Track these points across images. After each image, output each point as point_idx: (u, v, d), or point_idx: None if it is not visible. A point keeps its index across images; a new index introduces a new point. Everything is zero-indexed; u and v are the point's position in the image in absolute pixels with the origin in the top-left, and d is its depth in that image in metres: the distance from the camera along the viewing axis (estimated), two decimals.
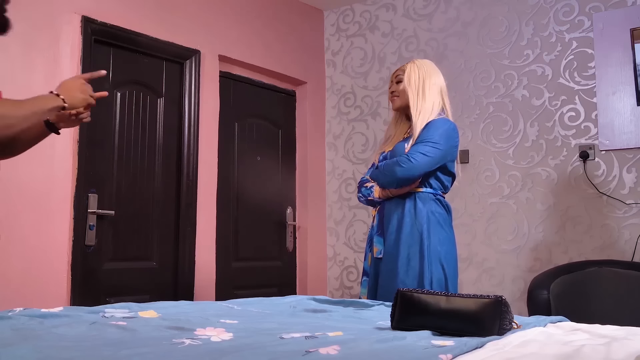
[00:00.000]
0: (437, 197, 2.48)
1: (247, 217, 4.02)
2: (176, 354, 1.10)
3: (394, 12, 4.40)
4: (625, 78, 3.46)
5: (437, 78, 2.57)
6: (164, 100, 3.59)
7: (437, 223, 2.42)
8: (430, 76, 2.55)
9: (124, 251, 3.33)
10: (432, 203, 2.45)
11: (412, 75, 2.55)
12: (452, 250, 2.46)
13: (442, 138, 2.43)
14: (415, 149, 2.42)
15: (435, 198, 2.47)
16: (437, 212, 2.44)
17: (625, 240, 3.38)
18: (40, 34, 2.99)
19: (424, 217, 2.41)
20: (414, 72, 2.55)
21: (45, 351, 1.06)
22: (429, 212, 2.42)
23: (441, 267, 2.38)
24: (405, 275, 2.41)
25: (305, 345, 1.19)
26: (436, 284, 2.37)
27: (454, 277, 2.42)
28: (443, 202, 2.50)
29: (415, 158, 2.40)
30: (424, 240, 2.38)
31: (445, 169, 2.50)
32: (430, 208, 2.44)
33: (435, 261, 2.38)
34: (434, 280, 2.37)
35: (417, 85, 2.53)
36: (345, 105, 4.50)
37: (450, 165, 2.51)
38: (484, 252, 3.83)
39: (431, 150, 2.41)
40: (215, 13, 3.85)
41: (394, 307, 1.50)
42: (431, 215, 2.42)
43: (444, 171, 2.50)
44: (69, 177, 3.04)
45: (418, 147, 2.42)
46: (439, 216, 2.44)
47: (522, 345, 1.28)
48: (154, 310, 1.60)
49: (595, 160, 3.52)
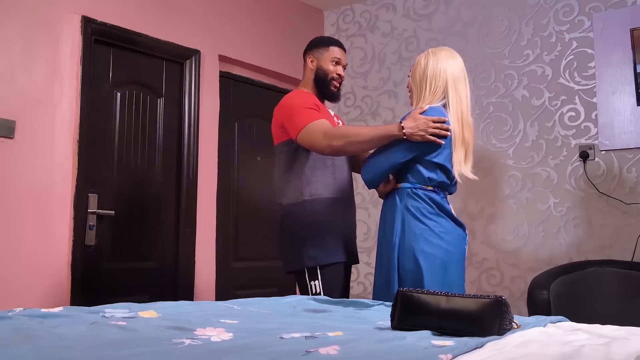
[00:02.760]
0: (416, 190, 2.35)
1: (247, 217, 4.02)
2: (176, 354, 1.10)
3: (394, 12, 4.40)
4: (625, 78, 3.46)
5: (445, 66, 2.41)
6: (164, 100, 3.59)
7: (414, 217, 2.33)
8: (437, 65, 2.41)
9: (124, 251, 3.34)
10: (408, 198, 2.35)
11: (417, 68, 2.47)
12: (433, 244, 2.31)
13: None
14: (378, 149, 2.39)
15: (412, 192, 2.35)
16: (414, 206, 2.34)
17: (625, 240, 3.38)
18: (40, 34, 2.99)
19: (399, 213, 2.36)
20: (419, 66, 2.47)
21: (45, 351, 1.06)
22: (404, 208, 2.35)
23: (414, 262, 2.28)
24: (379, 272, 2.42)
25: (305, 345, 1.19)
26: (410, 281, 2.27)
27: (433, 272, 2.27)
28: (422, 194, 2.35)
29: (370, 159, 2.40)
30: (395, 236, 2.33)
31: (426, 162, 2.35)
32: (407, 203, 2.35)
33: (408, 256, 2.30)
34: (406, 276, 2.28)
35: (420, 80, 2.44)
36: (345, 105, 4.50)
37: (432, 156, 2.33)
38: (484, 252, 3.83)
39: (390, 147, 2.34)
40: (215, 13, 3.85)
41: (394, 307, 1.50)
42: (405, 211, 2.34)
43: (424, 164, 2.35)
44: (69, 177, 3.04)
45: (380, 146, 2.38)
46: (415, 210, 2.33)
47: (522, 345, 1.28)
48: (154, 310, 1.60)
49: (595, 160, 3.52)
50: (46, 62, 3.01)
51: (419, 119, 2.29)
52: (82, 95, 3.11)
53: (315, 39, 2.90)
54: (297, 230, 2.59)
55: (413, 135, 2.28)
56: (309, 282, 2.55)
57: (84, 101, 3.12)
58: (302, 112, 2.52)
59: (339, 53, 2.78)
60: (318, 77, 2.74)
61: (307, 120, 2.48)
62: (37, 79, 2.97)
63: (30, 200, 2.90)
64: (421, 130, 2.27)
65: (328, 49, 2.78)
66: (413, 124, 2.28)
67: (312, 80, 2.76)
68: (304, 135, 2.48)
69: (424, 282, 2.26)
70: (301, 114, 2.52)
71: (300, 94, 2.71)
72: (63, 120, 3.04)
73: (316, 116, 2.51)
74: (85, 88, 3.13)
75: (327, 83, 2.74)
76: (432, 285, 2.24)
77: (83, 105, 3.11)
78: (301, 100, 2.61)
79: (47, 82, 3.00)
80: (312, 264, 2.54)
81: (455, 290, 2.30)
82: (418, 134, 2.28)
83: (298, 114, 2.52)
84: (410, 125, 2.28)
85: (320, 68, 2.74)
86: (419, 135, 2.28)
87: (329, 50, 2.77)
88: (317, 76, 2.74)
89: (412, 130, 2.27)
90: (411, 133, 2.28)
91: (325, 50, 2.77)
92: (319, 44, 2.81)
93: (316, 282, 2.53)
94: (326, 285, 2.53)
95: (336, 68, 2.75)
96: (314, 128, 2.46)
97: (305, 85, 2.78)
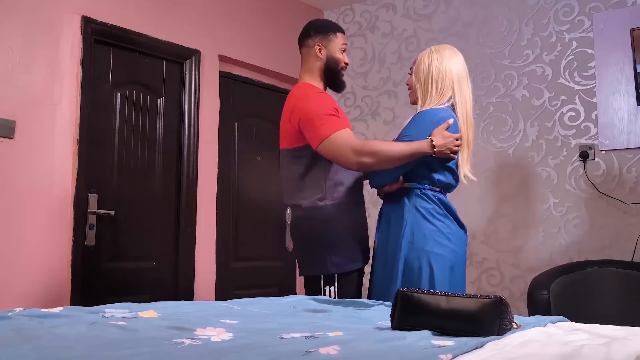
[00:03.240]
0: (425, 191, 2.36)
1: (247, 217, 4.02)
2: (176, 354, 1.10)
3: (394, 12, 4.40)
4: (625, 78, 3.46)
5: (450, 65, 2.40)
6: (164, 100, 3.59)
7: (423, 218, 2.33)
8: (442, 64, 2.40)
9: (124, 251, 3.34)
10: (417, 199, 2.36)
11: (421, 67, 2.43)
12: (442, 245, 2.32)
13: (419, 135, 2.32)
14: None
15: (421, 193, 2.36)
16: (423, 207, 2.34)
17: (625, 240, 3.38)
18: (40, 34, 2.99)
19: (408, 213, 2.35)
20: (422, 63, 2.43)
21: (45, 351, 1.06)
22: (412, 208, 2.35)
23: (424, 263, 2.28)
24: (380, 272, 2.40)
25: (305, 345, 1.19)
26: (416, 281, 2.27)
27: (443, 273, 2.28)
28: (431, 195, 2.36)
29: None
30: (402, 237, 2.32)
31: (436, 164, 2.36)
32: (415, 204, 2.35)
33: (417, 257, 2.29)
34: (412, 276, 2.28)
35: (425, 80, 2.41)
36: (345, 105, 4.50)
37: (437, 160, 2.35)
38: (484, 252, 3.83)
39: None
40: (215, 13, 3.85)
41: (394, 307, 1.50)
42: (415, 211, 2.34)
43: (434, 166, 2.36)
44: (69, 177, 3.04)
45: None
46: (424, 211, 2.33)
47: (522, 345, 1.28)
48: (154, 310, 1.60)
49: (595, 160, 3.52)
50: (46, 62, 3.01)
51: (448, 136, 2.32)
52: (82, 95, 3.11)
53: (318, 22, 2.73)
54: (319, 235, 2.49)
55: (442, 152, 2.32)
56: (324, 286, 2.48)
57: (84, 101, 3.12)
58: (324, 120, 2.38)
59: (345, 39, 2.67)
60: (329, 67, 2.59)
61: (329, 130, 2.36)
62: (37, 79, 2.97)
63: (30, 200, 2.90)
64: (448, 148, 2.32)
65: (336, 36, 2.62)
66: (443, 142, 2.31)
67: (319, 69, 2.59)
68: (328, 147, 2.36)
69: (435, 283, 2.26)
70: (323, 122, 2.37)
71: (315, 93, 2.51)
72: (63, 120, 3.04)
73: (339, 125, 2.38)
74: (85, 88, 3.13)
75: (338, 73, 2.61)
76: (442, 286, 2.26)
77: (83, 105, 3.11)
78: (320, 103, 2.45)
79: (47, 82, 3.00)
80: (335, 271, 2.47)
81: (458, 291, 2.31)
82: (446, 152, 2.33)
83: (320, 122, 2.38)
84: (441, 143, 2.30)
85: (331, 57, 2.58)
86: (445, 153, 2.33)
87: (337, 37, 2.62)
88: (328, 66, 2.59)
89: (442, 148, 2.31)
90: (440, 151, 2.31)
91: (334, 37, 2.61)
92: (324, 30, 2.63)
93: (332, 288, 2.47)
94: (341, 291, 2.47)
95: (344, 56, 2.63)
96: (339, 141, 2.35)
97: (311, 75, 2.60)
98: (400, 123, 4.17)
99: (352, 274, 2.52)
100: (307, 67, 2.62)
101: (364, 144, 2.40)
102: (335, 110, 2.45)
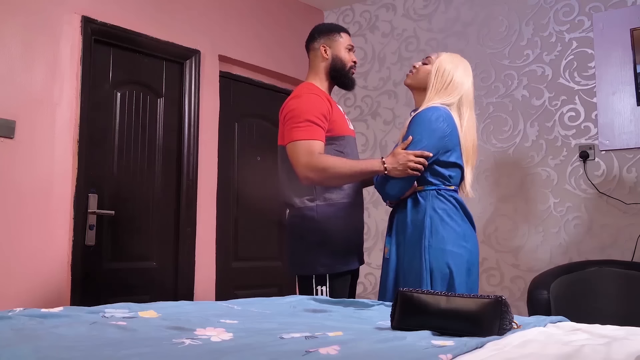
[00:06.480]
0: (441, 192, 2.37)
1: (247, 217, 4.02)
2: (176, 354, 1.10)
3: (394, 12, 4.40)
4: (625, 78, 3.46)
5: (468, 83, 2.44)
6: (164, 100, 3.59)
7: (441, 220, 2.33)
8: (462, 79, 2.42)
9: (124, 251, 3.34)
10: (435, 200, 2.35)
11: (442, 72, 2.42)
12: (460, 245, 2.32)
13: (424, 135, 2.32)
14: None
15: (438, 194, 2.36)
16: (441, 208, 2.34)
17: (625, 240, 3.38)
18: (40, 34, 2.99)
19: (426, 216, 2.33)
20: (444, 69, 2.42)
21: (45, 351, 1.06)
22: (431, 210, 2.34)
23: (444, 263, 2.28)
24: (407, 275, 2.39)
25: (305, 345, 1.19)
26: (440, 282, 2.28)
27: (461, 274, 2.29)
28: (447, 196, 2.37)
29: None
30: (424, 240, 2.33)
31: (442, 162, 2.36)
32: (433, 205, 2.35)
33: (437, 257, 2.29)
34: (438, 277, 2.28)
35: (441, 84, 2.40)
36: (345, 105, 4.50)
37: (446, 156, 2.36)
38: (484, 252, 3.82)
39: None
40: (215, 13, 3.85)
41: (394, 307, 1.50)
42: (433, 213, 2.34)
43: (441, 164, 2.36)
44: (69, 177, 3.04)
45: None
46: (442, 212, 2.34)
47: (522, 345, 1.28)
48: (154, 310, 1.60)
49: (595, 160, 3.52)
50: (46, 62, 3.01)
51: (398, 154, 2.31)
52: (82, 95, 3.11)
53: (322, 26, 2.77)
54: (310, 235, 2.51)
55: (394, 171, 2.31)
56: (316, 286, 2.49)
57: (84, 101, 3.12)
58: (301, 124, 2.41)
59: (350, 39, 2.70)
60: (335, 67, 2.62)
61: (298, 136, 2.39)
62: (37, 79, 2.97)
63: (30, 200, 2.90)
64: (401, 164, 2.30)
65: (341, 36, 2.66)
66: (393, 159, 2.32)
67: (325, 69, 2.63)
68: (290, 151, 2.42)
69: (455, 284, 2.27)
70: (299, 125, 2.41)
71: (308, 94, 2.52)
72: (63, 120, 3.04)
73: (310, 135, 2.39)
74: (85, 88, 3.13)
75: (346, 72, 2.63)
76: (461, 287, 2.27)
77: (83, 105, 3.11)
78: (308, 106, 2.46)
79: (47, 82, 3.00)
80: (324, 271, 2.48)
81: (474, 292, 2.32)
82: (398, 169, 2.31)
83: (296, 124, 2.41)
84: (390, 161, 2.32)
85: (337, 57, 2.62)
86: (399, 171, 2.31)
87: (342, 36, 2.65)
88: (334, 66, 2.62)
89: (392, 166, 2.31)
90: (392, 168, 2.31)
91: (338, 37, 2.65)
92: (328, 31, 2.67)
93: (323, 288, 2.48)
94: (332, 291, 2.48)
95: (351, 55, 2.66)
96: (299, 149, 2.38)
97: (317, 76, 2.64)
98: (400, 123, 4.17)
99: (345, 275, 2.53)
100: (314, 68, 2.66)
101: (317, 160, 2.38)
102: (322, 116, 2.45)
